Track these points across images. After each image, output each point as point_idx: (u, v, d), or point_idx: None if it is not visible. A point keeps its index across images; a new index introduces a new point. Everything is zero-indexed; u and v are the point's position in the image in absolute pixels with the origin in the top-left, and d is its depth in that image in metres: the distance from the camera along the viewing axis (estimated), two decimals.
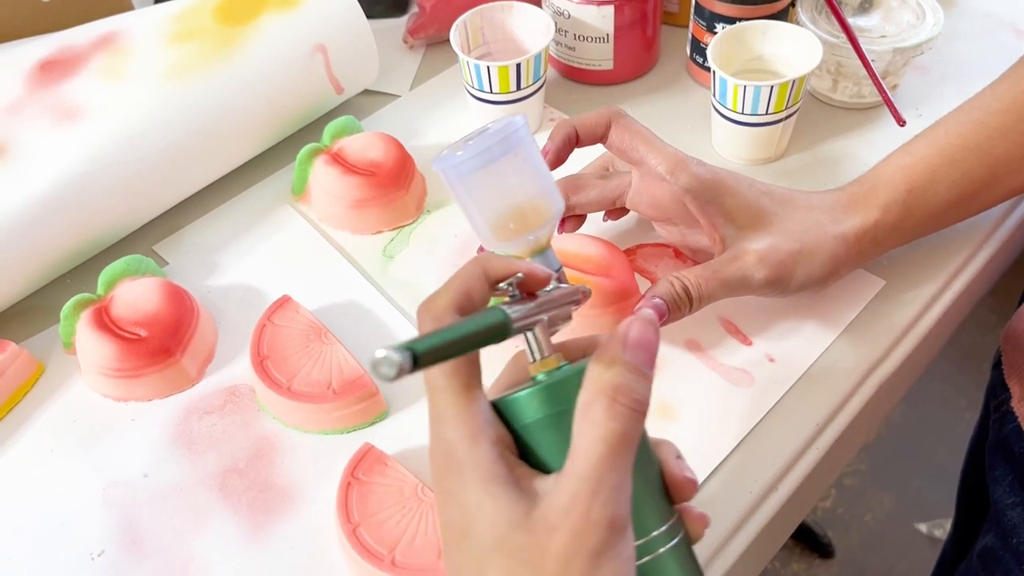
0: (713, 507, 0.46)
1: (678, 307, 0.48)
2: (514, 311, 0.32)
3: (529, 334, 0.35)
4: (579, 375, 0.32)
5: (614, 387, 0.31)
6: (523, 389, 0.34)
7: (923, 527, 1.40)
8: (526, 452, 0.33)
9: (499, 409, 0.34)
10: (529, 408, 0.33)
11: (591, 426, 0.31)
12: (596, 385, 0.31)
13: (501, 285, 0.35)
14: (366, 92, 0.70)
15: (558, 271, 0.42)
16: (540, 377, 0.35)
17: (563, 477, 0.31)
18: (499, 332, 0.31)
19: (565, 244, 0.53)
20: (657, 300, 0.47)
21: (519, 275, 0.35)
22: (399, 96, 0.71)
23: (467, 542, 0.31)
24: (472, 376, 0.33)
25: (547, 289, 0.37)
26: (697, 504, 0.39)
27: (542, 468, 0.33)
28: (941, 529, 1.39)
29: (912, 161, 0.50)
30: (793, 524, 0.52)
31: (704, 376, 0.51)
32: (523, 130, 0.38)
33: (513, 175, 0.37)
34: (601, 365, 0.32)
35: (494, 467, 0.31)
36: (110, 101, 0.56)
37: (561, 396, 0.33)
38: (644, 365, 0.32)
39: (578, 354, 0.37)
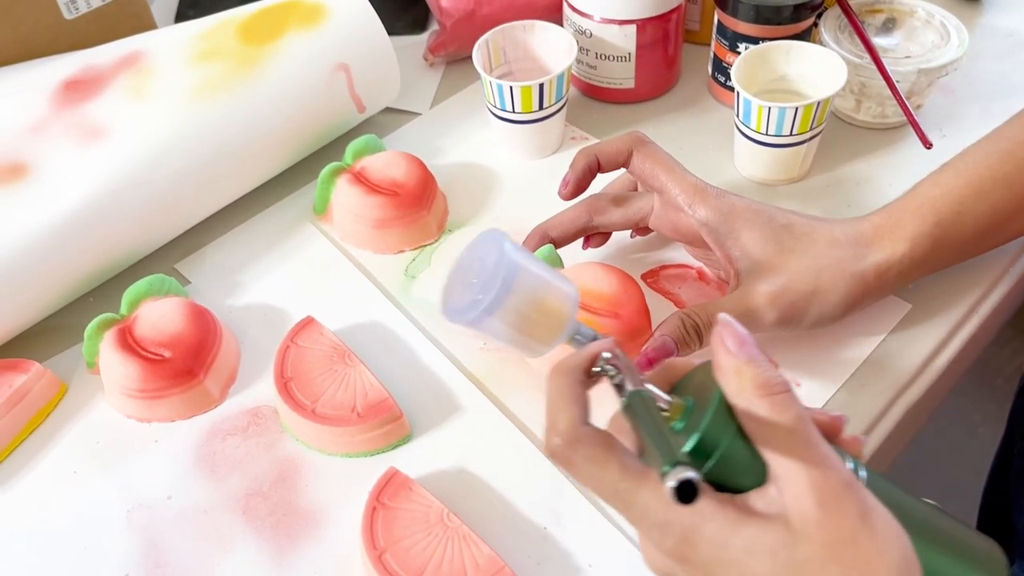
0: None
1: (687, 344, 0.48)
2: (641, 387, 0.35)
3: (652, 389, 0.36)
4: (720, 398, 0.33)
5: (758, 386, 0.32)
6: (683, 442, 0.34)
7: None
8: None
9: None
10: (708, 448, 0.33)
11: (768, 429, 0.32)
12: (744, 395, 0.33)
13: (596, 369, 0.36)
14: (387, 110, 0.70)
15: (593, 338, 0.42)
16: (678, 426, 0.35)
17: (780, 480, 0.32)
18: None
19: (581, 276, 0.52)
20: (665, 339, 0.48)
21: (605, 355, 0.36)
22: (420, 114, 0.71)
23: None
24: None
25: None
26: None
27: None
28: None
29: (940, 193, 0.50)
30: None
31: None
32: (513, 253, 0.38)
33: (523, 299, 0.38)
34: (730, 376, 0.33)
35: (726, 513, 0.32)
36: (134, 121, 0.56)
37: (723, 424, 0.33)
38: (756, 355, 0.33)
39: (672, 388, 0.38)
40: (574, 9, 0.67)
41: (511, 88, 0.61)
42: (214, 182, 0.60)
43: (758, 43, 0.63)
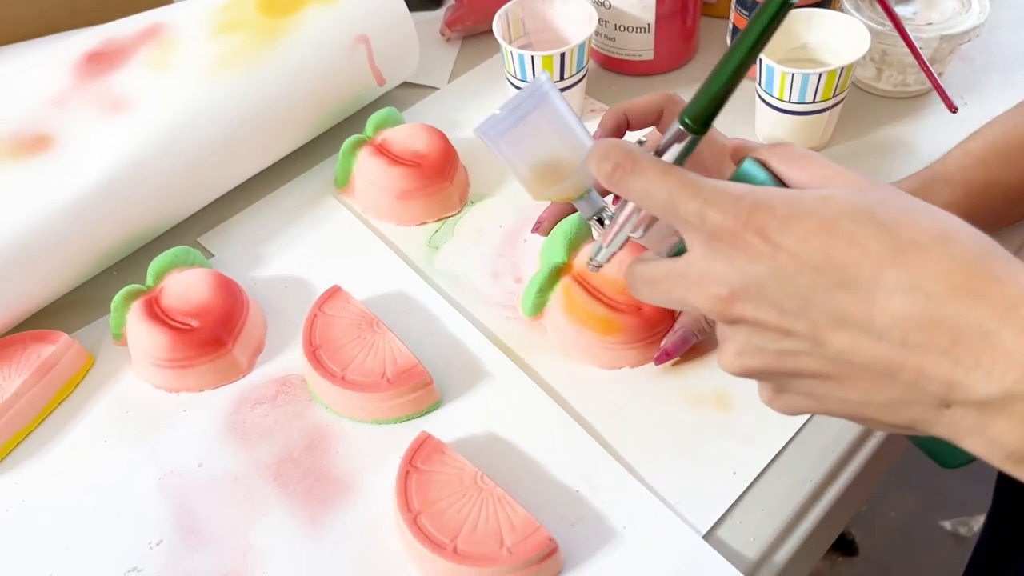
0: (773, 496, 0.46)
1: (706, 333, 0.50)
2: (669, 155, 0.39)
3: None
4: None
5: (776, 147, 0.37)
6: None
7: (948, 524, 1.39)
8: None
9: None
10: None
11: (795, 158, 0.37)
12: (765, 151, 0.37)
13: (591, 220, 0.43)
14: (405, 85, 0.70)
15: (601, 209, 0.46)
16: None
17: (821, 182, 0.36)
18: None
19: (605, 268, 0.52)
20: (685, 330, 0.50)
21: (641, 138, 0.42)
22: (438, 88, 0.71)
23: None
24: None
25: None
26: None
27: None
28: (966, 527, 1.38)
29: (970, 162, 0.50)
30: (851, 511, 0.51)
31: None
32: (547, 85, 0.42)
33: (546, 126, 0.42)
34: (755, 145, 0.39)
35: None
36: (156, 92, 0.56)
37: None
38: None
39: None
40: None
41: (532, 58, 0.61)
42: (236, 154, 0.59)
43: (793, 7, 0.63)
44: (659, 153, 0.39)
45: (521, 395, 0.50)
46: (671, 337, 0.51)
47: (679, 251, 0.37)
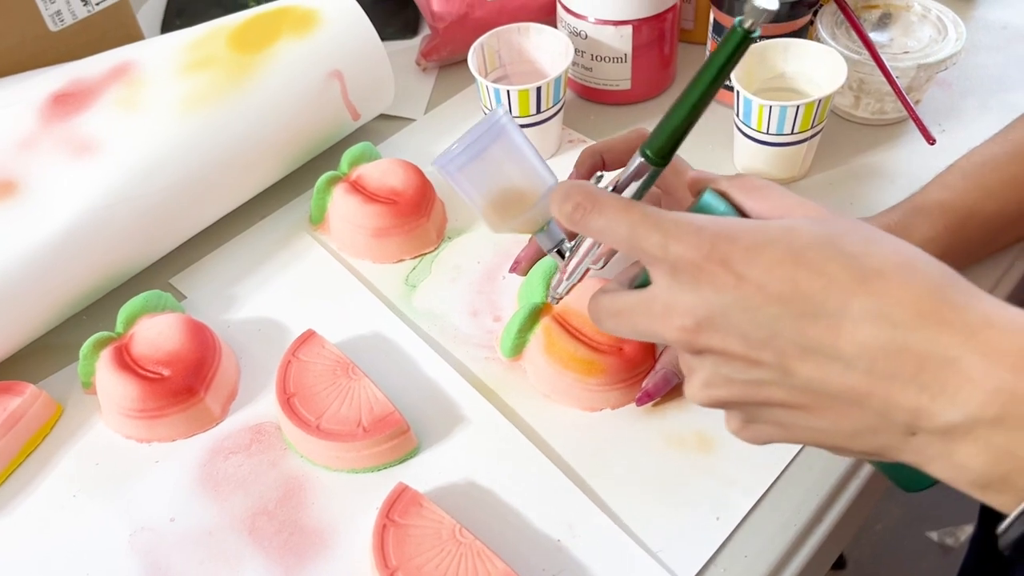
0: (757, 541, 0.45)
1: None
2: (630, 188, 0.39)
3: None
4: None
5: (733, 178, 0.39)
6: None
7: (935, 535, 1.39)
8: None
9: None
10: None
11: (753, 189, 0.38)
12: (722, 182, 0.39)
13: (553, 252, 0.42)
14: (381, 116, 0.69)
15: (561, 242, 0.46)
16: None
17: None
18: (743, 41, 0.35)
19: (585, 306, 0.51)
20: (666, 371, 0.50)
21: (599, 173, 0.43)
22: (414, 120, 0.70)
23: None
24: None
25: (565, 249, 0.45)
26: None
27: None
28: (953, 537, 1.38)
29: (949, 196, 0.50)
30: (837, 552, 0.50)
31: None
32: (504, 118, 0.42)
33: (504, 160, 0.42)
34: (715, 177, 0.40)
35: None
36: (125, 133, 0.55)
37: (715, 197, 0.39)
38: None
39: None
40: (568, 11, 0.66)
41: (508, 92, 0.60)
42: (208, 194, 0.58)
43: (755, 41, 0.63)
44: (621, 187, 0.39)
45: (500, 440, 0.50)
46: (652, 378, 0.50)
47: (643, 282, 0.37)
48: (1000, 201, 0.50)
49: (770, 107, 0.57)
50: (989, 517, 0.77)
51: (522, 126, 0.63)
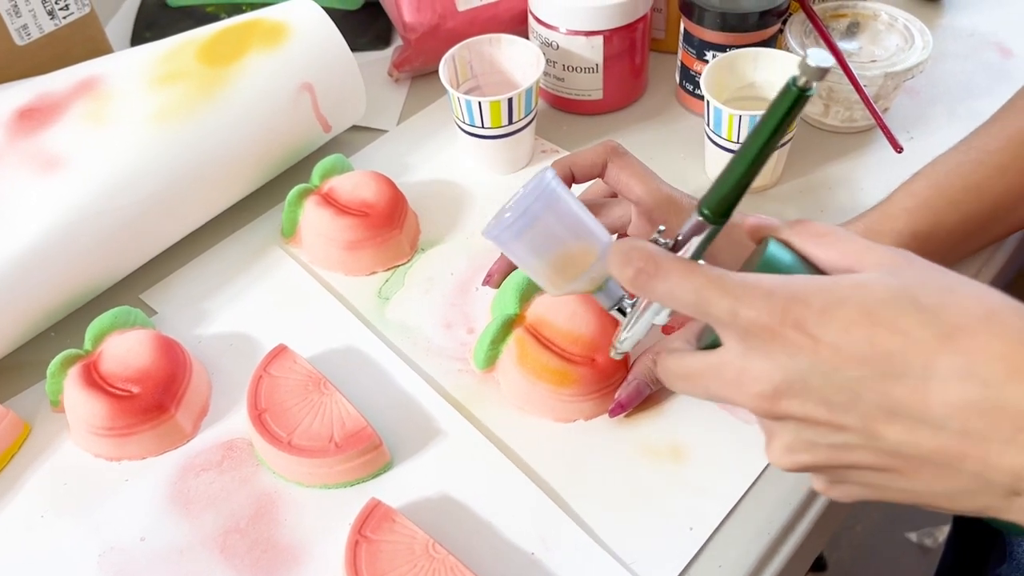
0: (731, 551, 0.45)
1: (660, 383, 0.49)
2: (689, 247, 0.38)
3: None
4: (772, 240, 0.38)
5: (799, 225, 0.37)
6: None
7: (913, 536, 1.40)
8: None
9: None
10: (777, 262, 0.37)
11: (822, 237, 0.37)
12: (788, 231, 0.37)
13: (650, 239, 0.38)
14: (353, 128, 0.69)
15: (620, 299, 0.45)
16: None
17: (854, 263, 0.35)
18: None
19: (556, 313, 0.51)
20: (639, 382, 0.49)
21: (661, 227, 0.39)
22: (387, 131, 0.70)
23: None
24: None
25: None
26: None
27: None
28: (931, 538, 1.39)
29: (915, 204, 0.50)
30: (812, 557, 0.51)
31: (713, 414, 0.50)
32: (554, 182, 0.41)
33: (557, 225, 0.41)
34: (781, 227, 0.38)
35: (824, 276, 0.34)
36: (93, 148, 0.55)
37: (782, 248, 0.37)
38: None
39: None
40: (540, 21, 0.66)
41: (480, 104, 0.60)
42: (178, 209, 0.58)
43: (725, 51, 0.63)
44: (678, 246, 0.38)
45: (474, 453, 0.49)
46: (625, 388, 0.50)
47: (712, 342, 0.36)
48: (965, 209, 0.50)
49: (740, 116, 0.58)
50: (964, 518, 0.78)
51: (494, 137, 0.63)
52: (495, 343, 0.52)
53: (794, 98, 0.33)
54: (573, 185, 0.51)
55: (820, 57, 0.31)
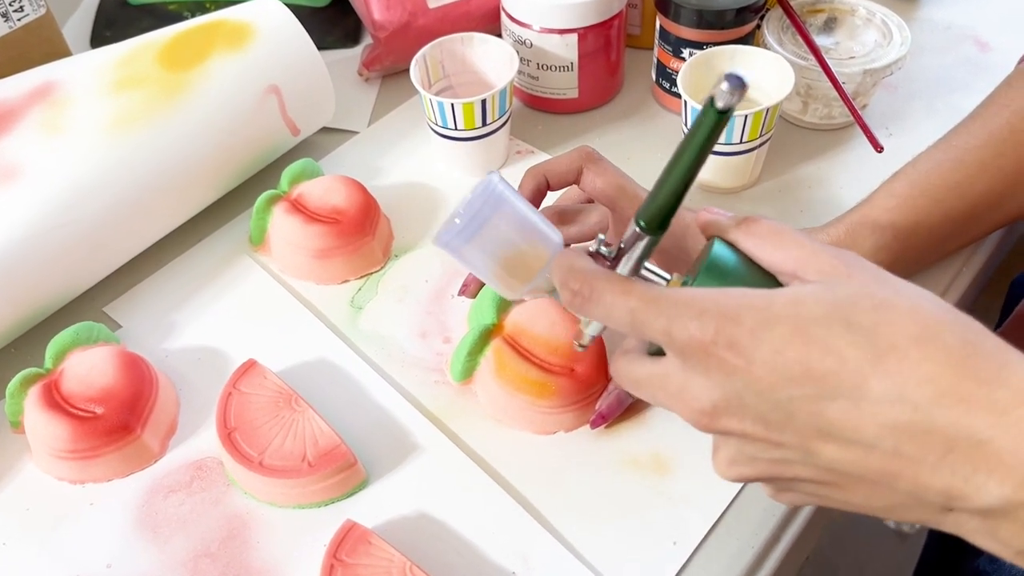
0: (715, 567, 0.44)
1: None
2: (630, 256, 0.37)
3: (648, 268, 0.38)
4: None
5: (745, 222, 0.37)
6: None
7: (891, 522, 1.40)
8: None
9: None
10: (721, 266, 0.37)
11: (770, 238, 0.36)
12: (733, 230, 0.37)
13: (592, 250, 0.38)
14: (323, 130, 0.67)
15: None
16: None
17: (798, 267, 0.35)
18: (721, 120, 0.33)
19: (535, 322, 0.50)
20: (619, 392, 0.49)
21: (601, 236, 0.38)
22: (357, 132, 0.68)
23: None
24: None
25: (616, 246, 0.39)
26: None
27: None
28: (909, 524, 1.40)
29: (896, 203, 0.49)
30: (797, 566, 0.50)
31: None
32: (500, 184, 0.40)
33: (507, 228, 0.40)
34: (720, 223, 0.38)
35: (757, 291, 0.34)
36: (50, 158, 0.53)
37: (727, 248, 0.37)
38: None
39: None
40: (512, 19, 0.65)
41: (452, 105, 0.59)
42: (141, 219, 0.56)
43: (702, 48, 0.62)
44: (621, 253, 0.37)
45: (452, 469, 0.48)
46: (606, 399, 0.49)
47: (660, 349, 0.36)
48: (946, 208, 0.50)
49: None
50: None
51: (468, 139, 0.61)
52: (472, 354, 0.51)
53: (713, 122, 0.32)
54: (548, 194, 0.50)
55: (735, 83, 0.31)
